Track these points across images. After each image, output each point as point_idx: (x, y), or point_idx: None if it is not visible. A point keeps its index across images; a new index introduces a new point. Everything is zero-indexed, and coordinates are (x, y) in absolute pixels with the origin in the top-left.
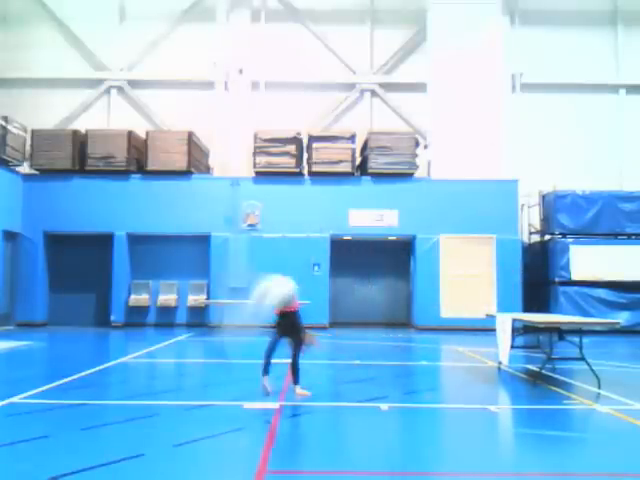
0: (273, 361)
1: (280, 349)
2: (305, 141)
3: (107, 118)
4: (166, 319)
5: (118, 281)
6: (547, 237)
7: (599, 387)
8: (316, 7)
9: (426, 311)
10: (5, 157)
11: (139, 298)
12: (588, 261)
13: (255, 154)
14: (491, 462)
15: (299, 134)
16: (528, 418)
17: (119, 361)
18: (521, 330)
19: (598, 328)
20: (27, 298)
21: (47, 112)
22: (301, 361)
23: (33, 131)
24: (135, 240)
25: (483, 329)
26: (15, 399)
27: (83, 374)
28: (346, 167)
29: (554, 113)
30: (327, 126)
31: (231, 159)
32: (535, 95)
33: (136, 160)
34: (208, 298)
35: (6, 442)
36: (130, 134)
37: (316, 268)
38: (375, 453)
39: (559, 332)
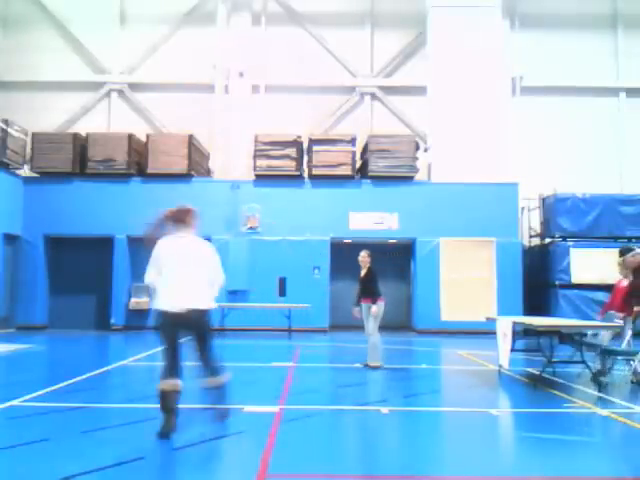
0: (275, 364)
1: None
2: (305, 144)
3: (108, 121)
4: None
5: (118, 284)
6: (547, 240)
7: (599, 390)
8: (316, 10)
9: (426, 314)
10: (5, 160)
11: (139, 301)
12: (588, 264)
13: (255, 157)
14: (492, 465)
15: (299, 137)
16: (529, 421)
17: (119, 364)
18: (521, 333)
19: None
20: (27, 301)
21: (48, 115)
22: (306, 365)
23: (34, 134)
24: (135, 243)
25: (483, 332)
26: (15, 402)
27: (83, 377)
28: (346, 170)
29: (554, 116)
30: (327, 129)
31: (231, 162)
32: (535, 98)
33: (136, 163)
34: None
35: (6, 445)
36: (130, 137)
37: (316, 271)
38: (376, 457)
39: (560, 335)
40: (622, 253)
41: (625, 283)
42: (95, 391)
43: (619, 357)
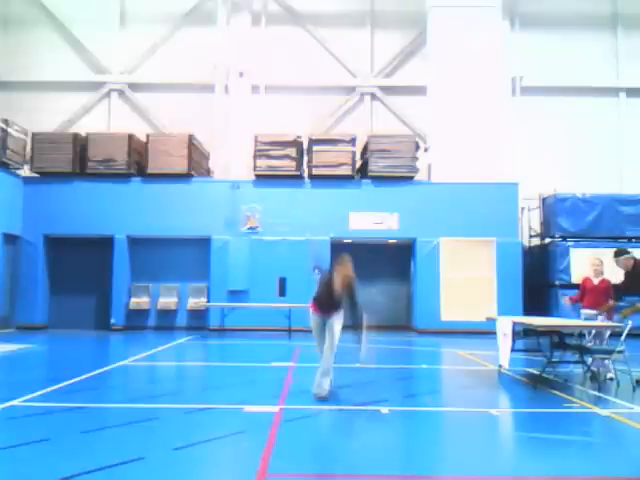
0: (275, 364)
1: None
2: (305, 144)
3: (108, 121)
4: (166, 322)
5: (118, 284)
6: (547, 240)
7: (599, 390)
8: (317, 10)
9: (426, 314)
10: (5, 160)
11: (139, 301)
12: (588, 264)
13: (255, 157)
14: (492, 466)
15: (299, 137)
16: (529, 421)
17: (119, 364)
18: (521, 333)
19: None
20: (27, 301)
21: (48, 115)
22: (306, 365)
23: (34, 134)
24: (135, 243)
25: (483, 332)
26: (16, 402)
27: (83, 377)
28: (346, 170)
29: (554, 116)
30: (327, 129)
31: (231, 162)
32: (535, 98)
33: (136, 163)
34: (208, 301)
35: (7, 445)
36: (130, 137)
37: (316, 271)
38: (376, 456)
39: (560, 335)
40: (617, 254)
41: (596, 282)
42: (95, 391)
43: (597, 356)
